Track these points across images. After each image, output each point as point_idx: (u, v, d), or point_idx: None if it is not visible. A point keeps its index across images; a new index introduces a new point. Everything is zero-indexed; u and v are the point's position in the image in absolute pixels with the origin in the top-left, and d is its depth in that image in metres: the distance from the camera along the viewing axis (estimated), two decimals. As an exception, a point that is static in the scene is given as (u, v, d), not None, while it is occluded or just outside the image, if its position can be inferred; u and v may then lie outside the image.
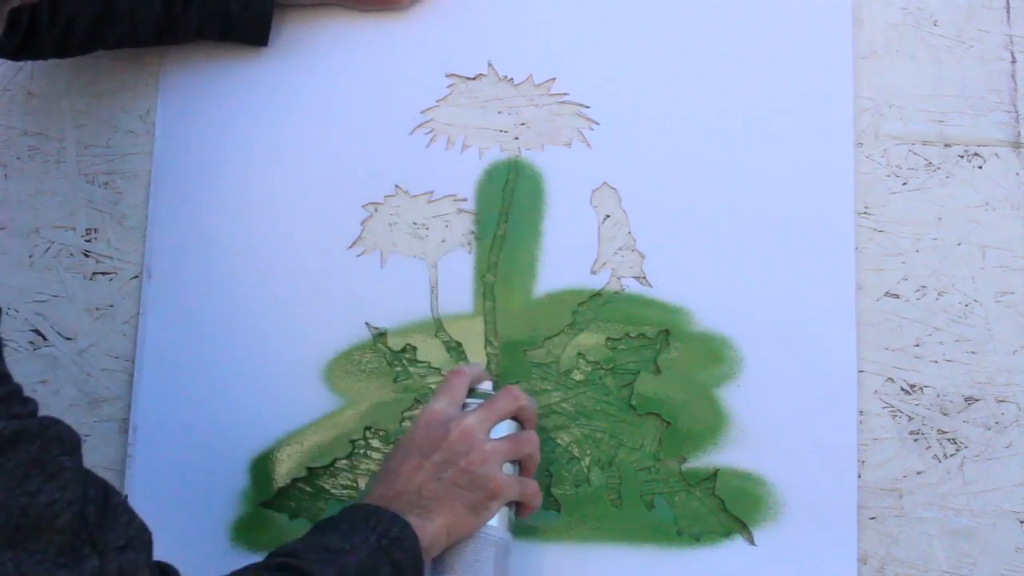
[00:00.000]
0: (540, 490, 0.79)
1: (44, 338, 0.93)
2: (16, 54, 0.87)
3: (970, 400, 0.87)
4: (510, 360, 0.89)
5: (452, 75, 0.93)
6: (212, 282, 0.92)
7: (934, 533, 0.85)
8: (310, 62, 0.94)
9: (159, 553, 0.60)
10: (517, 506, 0.79)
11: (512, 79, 0.93)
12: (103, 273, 0.94)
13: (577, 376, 0.88)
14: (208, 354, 0.90)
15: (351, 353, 0.90)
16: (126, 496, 0.58)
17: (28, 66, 0.97)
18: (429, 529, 0.72)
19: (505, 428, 0.79)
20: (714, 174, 0.90)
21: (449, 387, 0.79)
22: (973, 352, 0.87)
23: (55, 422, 0.55)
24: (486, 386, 0.82)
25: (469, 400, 0.80)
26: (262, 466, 0.88)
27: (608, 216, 0.90)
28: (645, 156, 0.91)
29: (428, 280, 0.90)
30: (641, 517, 0.86)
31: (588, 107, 0.92)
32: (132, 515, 0.59)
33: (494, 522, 0.76)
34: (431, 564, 0.75)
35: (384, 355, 0.90)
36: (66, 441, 0.56)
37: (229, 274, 0.91)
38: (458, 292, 0.90)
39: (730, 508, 0.85)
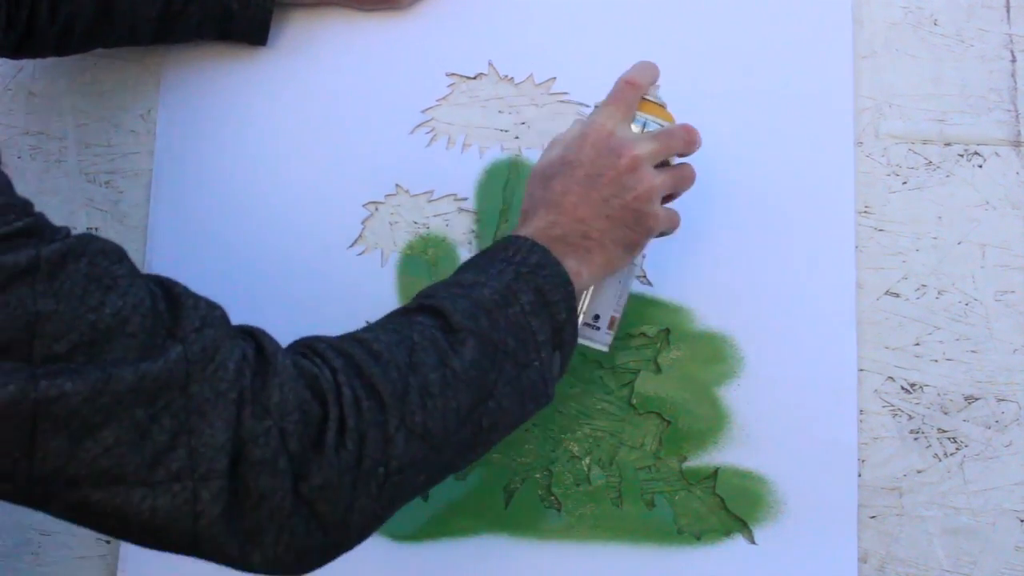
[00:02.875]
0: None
1: (45, 337, 0.93)
2: (16, 52, 0.87)
3: (970, 399, 0.87)
4: (510, 359, 0.89)
5: (452, 74, 0.93)
6: (213, 281, 0.91)
7: (934, 532, 0.85)
8: (311, 62, 0.94)
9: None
10: None
11: (512, 78, 0.93)
12: (104, 272, 0.94)
13: (577, 375, 0.88)
14: (209, 353, 0.90)
15: (352, 352, 0.90)
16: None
17: (29, 65, 0.97)
18: (586, 270, 0.70)
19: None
20: (714, 173, 0.90)
21: (621, 98, 0.72)
22: (973, 351, 0.87)
23: (93, 237, 0.55)
24: (658, 95, 0.75)
25: (639, 115, 0.73)
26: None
27: (608, 215, 0.90)
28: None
29: (429, 279, 0.90)
30: (641, 516, 0.86)
31: (588, 106, 0.92)
32: (197, 298, 0.58)
33: None
34: None
35: (385, 354, 0.90)
36: (110, 251, 0.56)
37: (230, 273, 0.91)
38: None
39: (730, 507, 0.86)
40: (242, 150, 0.93)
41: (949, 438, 0.86)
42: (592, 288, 0.74)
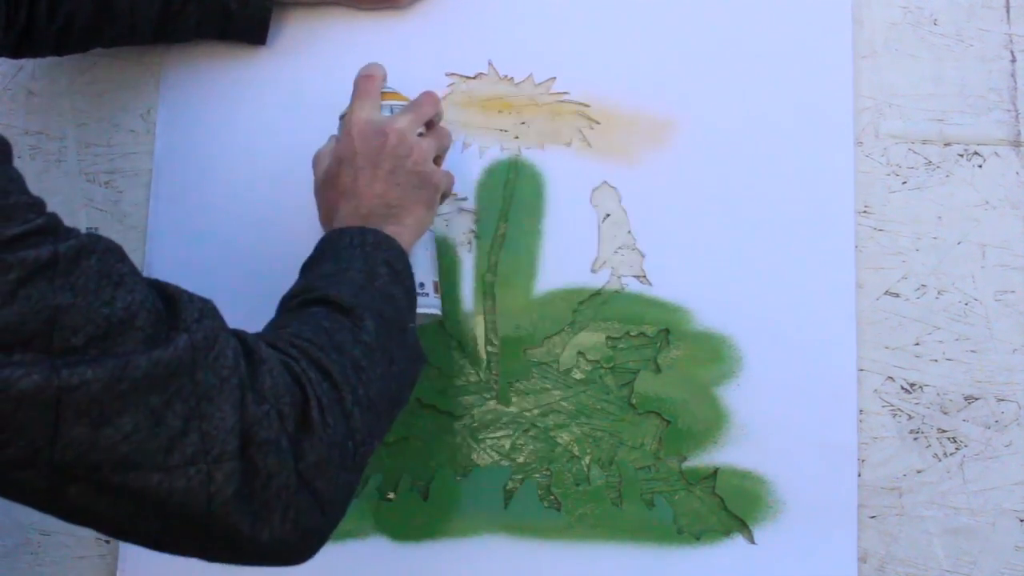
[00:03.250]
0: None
1: (45, 337, 0.93)
2: (15, 52, 0.87)
3: (970, 399, 0.87)
4: (510, 359, 0.89)
5: (452, 74, 0.93)
6: (212, 280, 0.91)
7: (934, 532, 0.85)
8: (311, 61, 0.94)
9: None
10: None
11: (512, 78, 0.93)
12: (104, 272, 0.94)
13: (577, 375, 0.88)
14: (209, 353, 0.90)
15: (351, 352, 0.90)
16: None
17: (29, 65, 0.97)
18: (404, 235, 0.76)
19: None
20: (714, 173, 0.90)
21: (366, 92, 0.80)
22: (973, 351, 0.87)
23: (99, 237, 0.58)
24: (388, 88, 0.83)
25: (383, 104, 0.81)
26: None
27: (608, 215, 0.90)
28: (646, 155, 0.91)
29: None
30: (641, 516, 0.86)
31: (588, 106, 0.92)
32: (190, 294, 0.61)
33: None
34: None
35: (384, 354, 0.90)
36: (115, 250, 0.58)
37: (229, 272, 0.91)
38: (458, 291, 0.90)
39: (730, 507, 0.86)
40: (242, 150, 0.93)
41: (949, 438, 0.86)
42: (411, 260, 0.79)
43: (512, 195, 0.91)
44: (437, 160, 0.82)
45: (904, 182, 0.90)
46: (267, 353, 0.61)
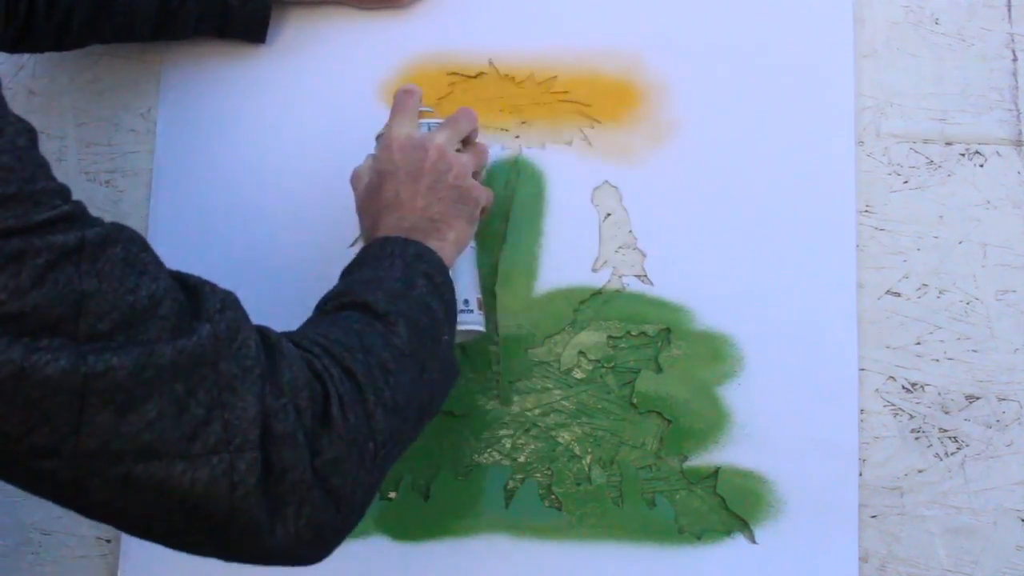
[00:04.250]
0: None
1: (45, 336, 0.93)
2: (14, 46, 0.87)
3: (971, 398, 0.87)
4: (511, 358, 0.89)
5: (453, 73, 0.93)
6: (212, 280, 0.91)
7: (935, 531, 0.85)
8: (311, 60, 0.94)
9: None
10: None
11: (513, 77, 0.93)
12: (104, 271, 0.94)
13: (578, 374, 0.88)
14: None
15: (352, 351, 0.90)
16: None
17: (29, 64, 0.97)
18: (446, 249, 0.77)
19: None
20: (715, 173, 0.90)
21: (404, 108, 0.81)
22: (974, 350, 0.87)
23: (123, 226, 0.58)
24: (424, 107, 0.84)
25: (420, 122, 0.82)
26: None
27: (609, 214, 0.90)
28: (646, 154, 0.91)
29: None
30: (642, 515, 0.86)
31: (589, 105, 0.92)
32: (213, 285, 0.61)
33: None
34: None
35: (385, 353, 0.89)
36: (137, 239, 0.58)
37: (229, 272, 0.90)
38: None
39: (731, 506, 0.86)
40: (242, 149, 0.93)
41: (950, 437, 0.86)
42: (454, 276, 0.79)
43: (513, 194, 0.91)
44: (475, 176, 0.82)
45: (905, 181, 0.90)
46: (287, 348, 0.61)
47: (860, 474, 0.86)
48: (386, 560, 0.87)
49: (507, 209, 0.91)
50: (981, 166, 0.89)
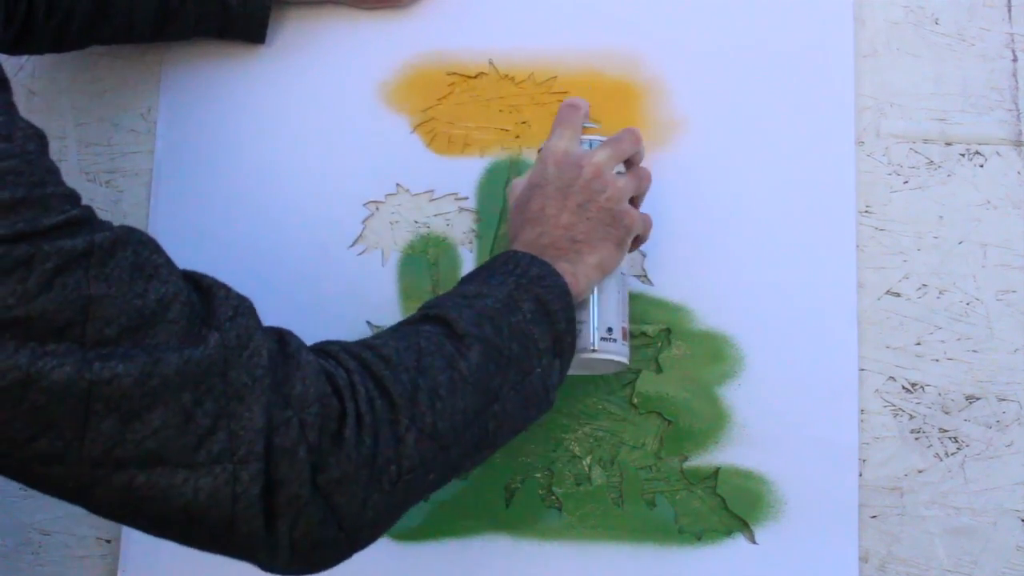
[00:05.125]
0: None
1: (45, 337, 0.93)
2: (13, 48, 0.87)
3: (971, 399, 0.87)
4: (511, 359, 0.89)
5: (453, 73, 0.93)
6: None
7: (935, 532, 0.85)
8: (311, 60, 0.94)
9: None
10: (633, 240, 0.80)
11: (513, 77, 0.93)
12: (104, 272, 0.94)
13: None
14: (209, 353, 0.90)
15: (352, 352, 0.90)
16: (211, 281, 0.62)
17: (29, 64, 0.97)
18: (581, 272, 0.73)
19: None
20: (715, 172, 0.90)
21: (567, 122, 0.78)
22: (974, 351, 0.87)
23: (134, 229, 0.58)
24: (590, 122, 0.81)
25: (583, 138, 0.79)
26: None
27: (609, 215, 0.90)
28: (646, 154, 0.90)
29: (430, 279, 0.90)
30: (642, 516, 0.86)
31: (589, 105, 0.92)
32: (228, 289, 0.61)
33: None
34: None
35: (385, 354, 0.89)
36: (149, 243, 0.58)
37: (230, 273, 0.90)
38: (459, 291, 0.90)
39: (731, 507, 0.86)
40: (242, 149, 0.93)
41: (950, 438, 0.86)
42: (599, 302, 0.77)
43: (513, 195, 0.91)
44: (634, 201, 0.79)
45: (905, 182, 0.90)
46: (306, 359, 0.60)
47: (860, 474, 0.86)
48: (386, 560, 0.87)
49: (508, 209, 0.91)
50: (981, 166, 0.89)
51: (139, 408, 0.53)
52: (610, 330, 0.77)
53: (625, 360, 0.79)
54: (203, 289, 0.60)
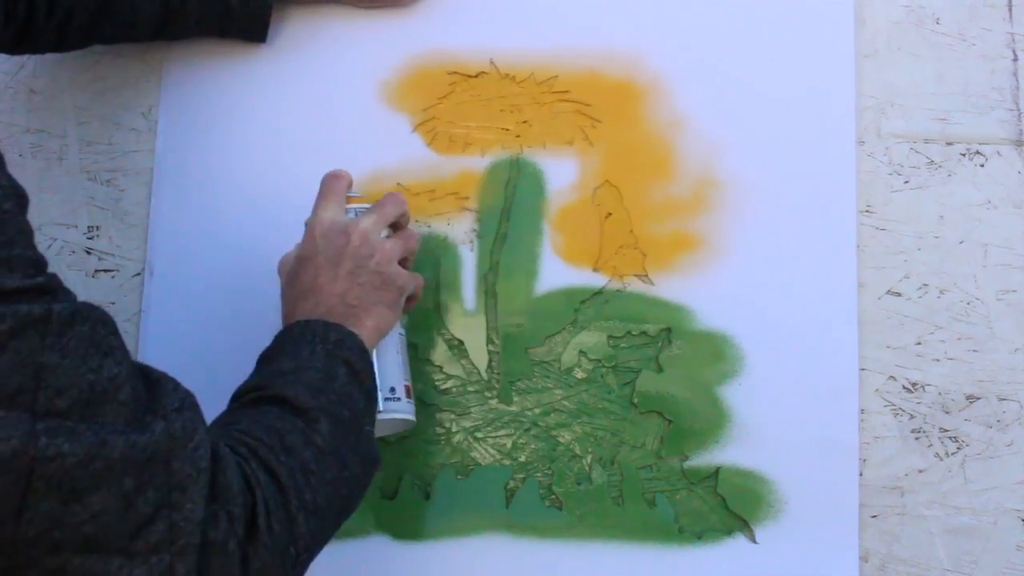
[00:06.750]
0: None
1: (46, 335, 0.93)
2: (14, 47, 0.87)
3: (972, 398, 0.87)
4: (512, 358, 0.89)
5: (454, 73, 0.93)
6: (214, 280, 0.92)
7: (936, 531, 0.85)
8: (311, 59, 0.94)
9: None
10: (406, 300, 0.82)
11: (514, 77, 0.93)
12: (105, 271, 0.94)
13: (579, 374, 0.88)
14: (210, 351, 0.90)
15: (353, 351, 0.90)
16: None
17: (30, 63, 0.97)
18: (363, 334, 0.74)
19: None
20: (716, 172, 0.90)
21: (331, 192, 0.80)
22: (975, 350, 0.87)
23: (92, 305, 0.57)
24: (352, 190, 0.82)
25: (348, 207, 0.80)
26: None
27: (610, 214, 0.90)
28: (647, 154, 0.91)
29: (431, 278, 0.90)
30: (643, 515, 0.86)
31: (589, 105, 0.92)
32: (175, 383, 0.61)
33: None
34: None
35: (386, 353, 0.90)
36: (108, 322, 0.58)
37: (231, 271, 0.91)
38: (460, 290, 0.90)
39: (732, 506, 0.86)
40: (243, 148, 0.93)
41: (950, 437, 0.86)
42: (379, 364, 0.77)
43: (514, 194, 0.91)
44: (404, 263, 0.81)
45: (906, 181, 0.90)
46: (223, 451, 0.60)
47: (860, 474, 0.86)
48: (386, 560, 0.87)
49: (508, 208, 0.91)
50: (982, 166, 0.89)
51: (80, 490, 0.52)
52: (393, 389, 0.78)
53: (411, 417, 0.80)
54: (151, 379, 0.59)
